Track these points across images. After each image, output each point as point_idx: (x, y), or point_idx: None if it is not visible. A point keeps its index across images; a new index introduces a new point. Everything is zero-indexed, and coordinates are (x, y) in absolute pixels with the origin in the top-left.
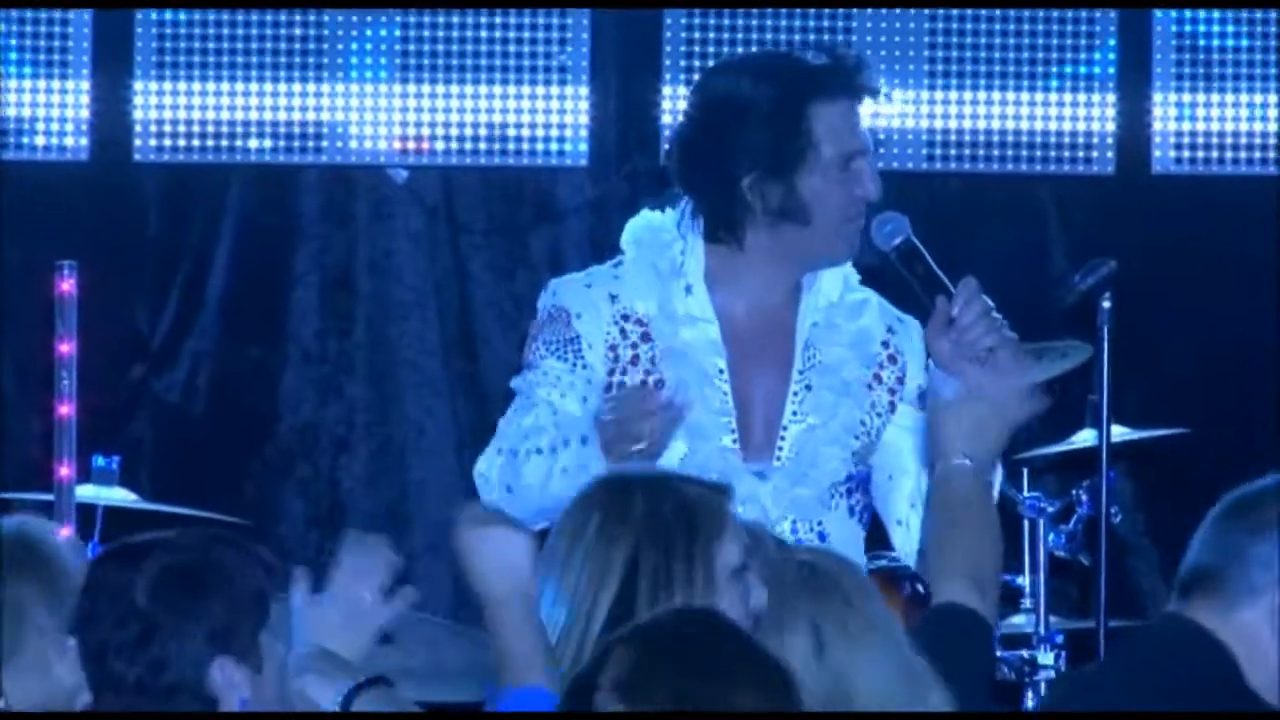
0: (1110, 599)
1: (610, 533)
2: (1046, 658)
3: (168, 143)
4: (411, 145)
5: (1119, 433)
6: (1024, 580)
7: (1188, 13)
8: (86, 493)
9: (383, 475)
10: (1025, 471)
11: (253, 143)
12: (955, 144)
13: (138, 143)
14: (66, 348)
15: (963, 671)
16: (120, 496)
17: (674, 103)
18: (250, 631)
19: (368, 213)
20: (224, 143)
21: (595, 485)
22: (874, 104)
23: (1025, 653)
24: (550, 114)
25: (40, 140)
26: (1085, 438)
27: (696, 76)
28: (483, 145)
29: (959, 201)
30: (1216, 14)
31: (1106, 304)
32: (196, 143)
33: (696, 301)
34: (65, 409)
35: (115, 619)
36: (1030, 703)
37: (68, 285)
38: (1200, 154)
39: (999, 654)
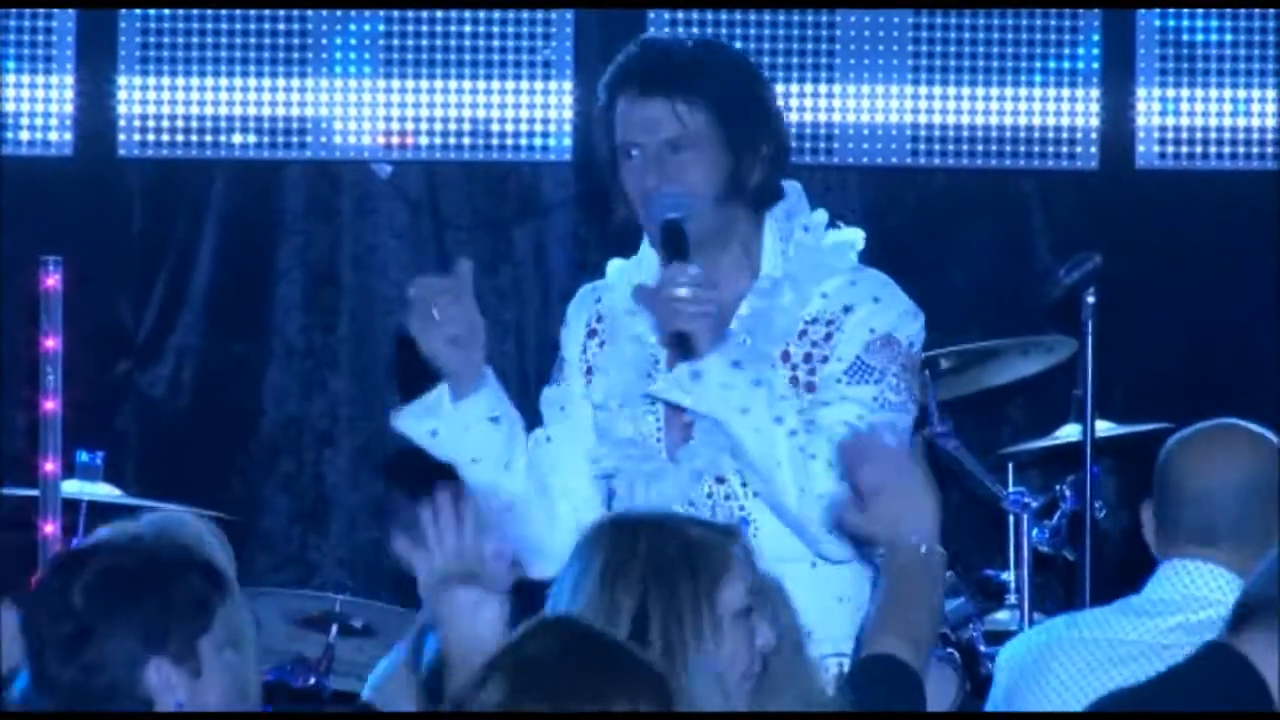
0: (1094, 594)
1: (616, 574)
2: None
3: (152, 138)
4: (395, 140)
5: (1103, 428)
6: (1008, 576)
7: (1171, 8)
8: (71, 488)
9: (367, 470)
10: (1010, 466)
11: (236, 138)
12: (939, 139)
13: (122, 138)
14: (51, 343)
15: None
16: (105, 492)
17: None
18: (187, 635)
19: (352, 208)
20: (208, 138)
21: (599, 526)
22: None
23: None
24: (534, 109)
25: (24, 135)
26: (1070, 432)
27: None
28: (467, 140)
29: (943, 197)
30: (1200, 9)
31: (1091, 299)
32: (180, 138)
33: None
34: (50, 404)
35: (51, 618)
36: None
37: (52, 280)
38: (1184, 149)
39: (983, 650)
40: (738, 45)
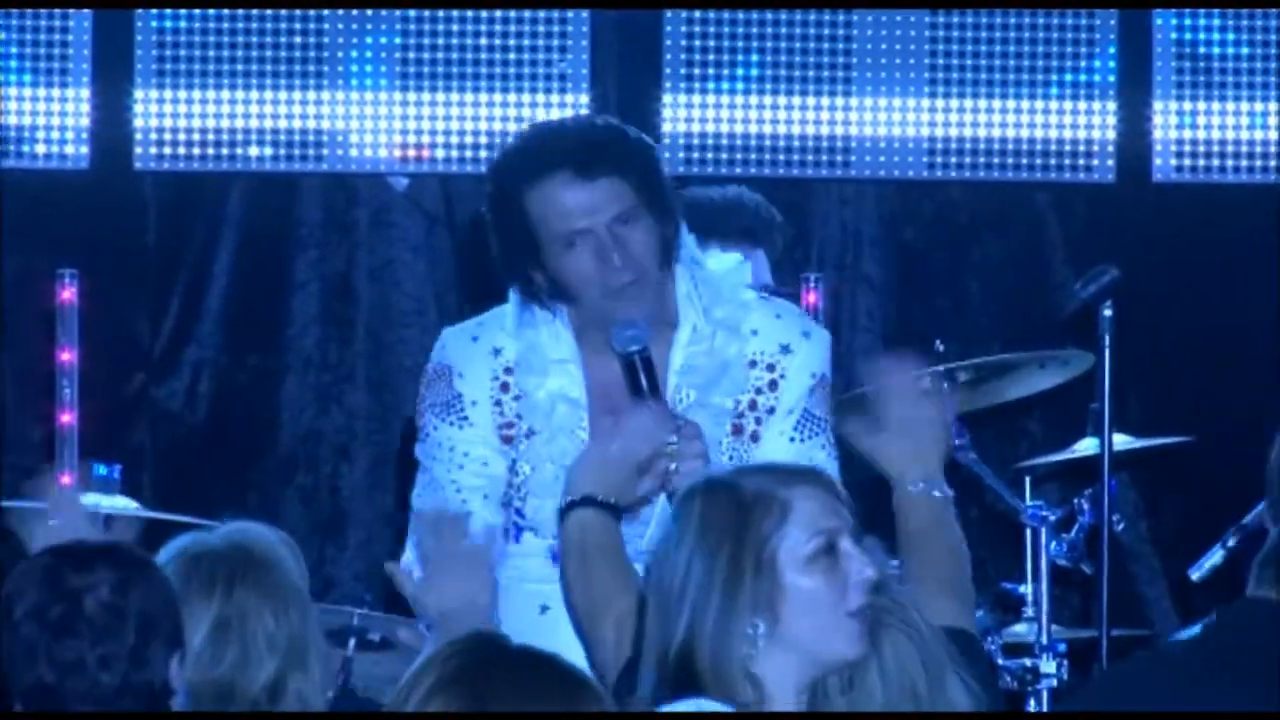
0: (1112, 608)
1: (680, 545)
2: (1049, 666)
3: (168, 151)
4: (412, 153)
5: (1121, 441)
6: (1026, 589)
7: (1188, 20)
8: (87, 501)
9: (383, 483)
10: (1027, 480)
11: (253, 150)
12: (956, 152)
13: (138, 151)
14: (67, 356)
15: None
16: (122, 505)
17: (674, 110)
18: None
19: (368, 220)
20: (224, 151)
21: (674, 502)
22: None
23: (1028, 661)
24: None
25: (40, 149)
26: (1087, 446)
27: (696, 83)
28: (483, 153)
29: (960, 209)
30: (1216, 21)
31: (1108, 312)
32: (197, 151)
33: (567, 345)
34: (66, 417)
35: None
36: (1030, 708)
37: (68, 294)
38: (1201, 162)
39: (1001, 663)
40: (754, 58)
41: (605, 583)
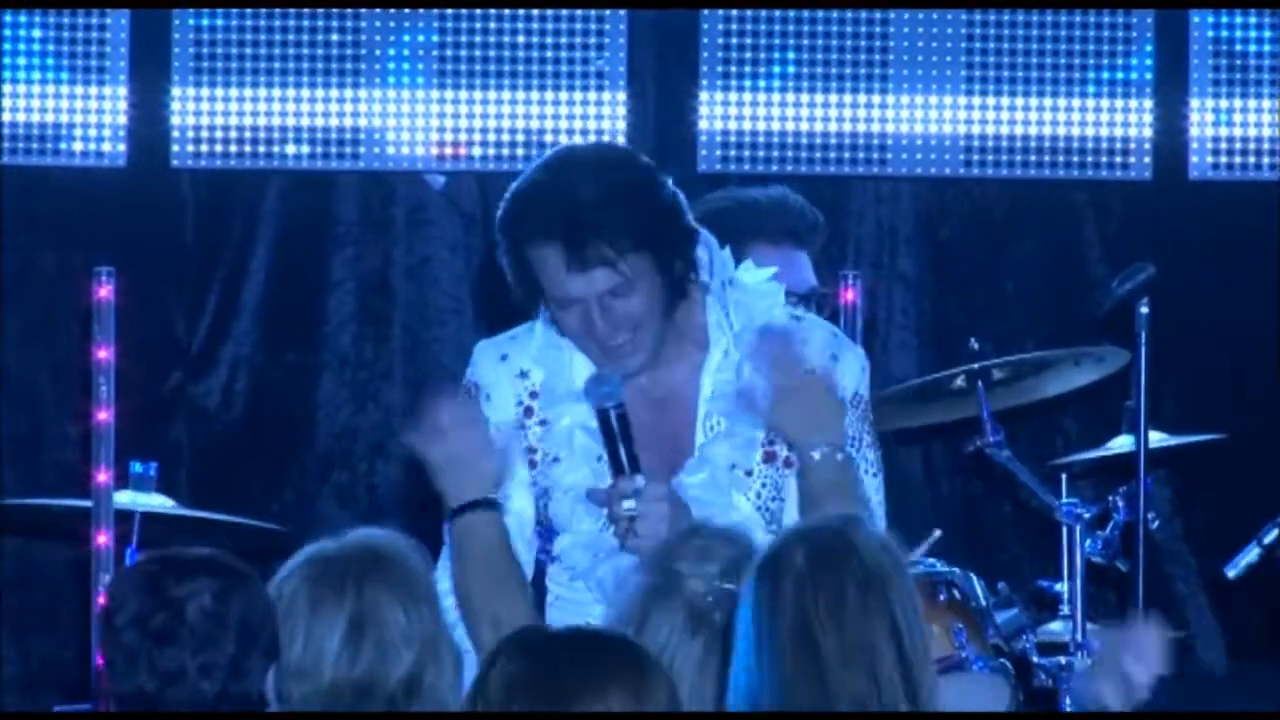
0: (1147, 605)
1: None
2: (1083, 664)
3: (205, 148)
4: (449, 151)
5: (1156, 438)
6: (1061, 587)
7: (1224, 18)
8: (124, 498)
9: (420, 481)
10: (1063, 477)
11: (290, 148)
12: (993, 149)
13: (175, 148)
14: (104, 353)
15: None
16: (158, 502)
17: (711, 108)
18: None
19: (405, 218)
20: (261, 148)
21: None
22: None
23: (1062, 659)
24: (587, 119)
25: (78, 146)
26: (1123, 443)
27: (733, 80)
28: (520, 151)
29: (996, 207)
30: (1253, 19)
31: (1144, 309)
32: (234, 148)
33: (590, 370)
34: (103, 415)
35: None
36: (1066, 708)
37: (105, 291)
38: (1237, 159)
39: (1036, 661)
40: (791, 56)
41: (482, 586)
